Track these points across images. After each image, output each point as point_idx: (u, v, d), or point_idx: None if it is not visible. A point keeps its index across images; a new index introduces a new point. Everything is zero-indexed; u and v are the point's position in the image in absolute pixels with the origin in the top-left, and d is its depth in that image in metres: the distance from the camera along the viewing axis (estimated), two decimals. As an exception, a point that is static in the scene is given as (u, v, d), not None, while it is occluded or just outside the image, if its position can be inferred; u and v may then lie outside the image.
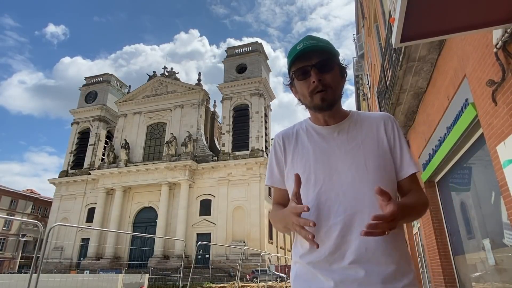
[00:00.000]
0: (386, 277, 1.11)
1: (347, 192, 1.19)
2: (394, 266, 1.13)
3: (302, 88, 1.25)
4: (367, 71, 18.14)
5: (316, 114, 1.31)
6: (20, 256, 50.20)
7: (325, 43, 1.24)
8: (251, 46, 49.33)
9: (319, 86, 1.20)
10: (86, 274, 22.47)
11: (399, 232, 1.20)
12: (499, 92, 3.32)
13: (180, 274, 12.83)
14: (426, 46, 5.20)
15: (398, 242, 1.18)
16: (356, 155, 1.23)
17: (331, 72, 1.23)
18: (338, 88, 1.26)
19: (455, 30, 2.47)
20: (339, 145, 1.27)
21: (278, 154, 1.38)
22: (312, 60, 1.21)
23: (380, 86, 9.02)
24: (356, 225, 1.15)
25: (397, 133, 1.30)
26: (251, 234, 37.12)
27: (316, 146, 1.30)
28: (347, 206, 1.18)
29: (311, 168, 1.26)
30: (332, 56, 1.24)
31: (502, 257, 4.51)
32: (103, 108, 52.60)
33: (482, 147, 4.52)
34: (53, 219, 44.40)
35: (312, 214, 1.20)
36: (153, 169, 42.53)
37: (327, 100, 1.22)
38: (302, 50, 1.21)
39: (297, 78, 1.26)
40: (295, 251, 1.28)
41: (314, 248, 1.17)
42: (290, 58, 1.25)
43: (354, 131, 1.29)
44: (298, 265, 1.26)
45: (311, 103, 1.25)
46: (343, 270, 1.13)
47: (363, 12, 16.10)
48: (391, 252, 1.15)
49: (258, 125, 43.63)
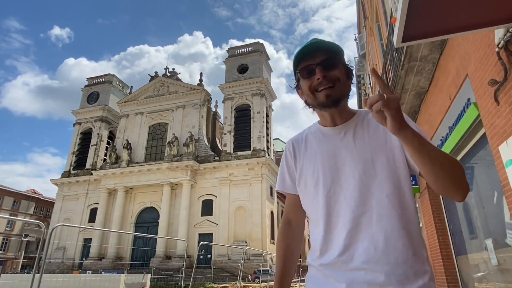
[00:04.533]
0: (397, 278, 1.08)
1: (354, 193, 1.19)
2: (405, 266, 1.09)
3: (307, 86, 1.25)
4: (368, 71, 18.12)
5: (323, 114, 1.30)
6: (22, 256, 50.37)
7: (329, 42, 1.25)
8: (252, 46, 49.31)
9: (323, 83, 1.20)
10: (89, 274, 22.53)
11: (411, 230, 1.14)
12: (501, 91, 3.31)
13: (182, 274, 12.84)
14: (428, 45, 5.19)
15: (410, 240, 1.13)
16: (363, 155, 1.21)
17: (336, 69, 1.22)
18: (344, 85, 1.24)
19: (456, 29, 2.46)
20: (345, 146, 1.26)
21: (289, 160, 1.40)
22: (316, 59, 1.21)
23: (382, 86, 8.99)
24: (363, 226, 1.15)
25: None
26: (253, 234, 37.10)
27: (323, 148, 1.30)
28: (354, 207, 1.17)
29: (320, 170, 1.27)
30: (336, 55, 1.24)
31: (505, 257, 4.50)
32: (105, 109, 52.70)
33: (484, 147, 4.50)
34: (55, 220, 44.50)
35: (322, 217, 1.23)
36: (155, 169, 42.58)
37: (332, 96, 1.21)
38: (306, 49, 1.22)
39: (303, 77, 1.26)
40: (310, 254, 1.31)
41: (325, 250, 1.19)
42: (295, 59, 1.26)
43: (361, 130, 1.27)
44: (311, 268, 1.28)
45: (315, 101, 1.25)
46: (353, 271, 1.13)
47: (364, 12, 16.08)
48: (402, 251, 1.11)
49: (259, 125, 43.61)
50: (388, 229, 1.13)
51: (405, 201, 1.18)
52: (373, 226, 1.14)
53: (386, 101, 0.94)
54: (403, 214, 1.15)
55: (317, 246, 1.24)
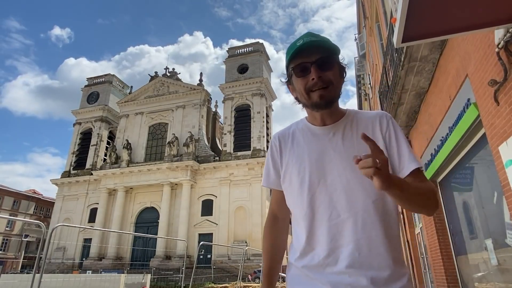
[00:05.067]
0: (380, 282, 1.10)
1: (341, 196, 1.18)
2: (388, 271, 1.12)
3: (300, 85, 1.22)
4: (368, 71, 18.12)
5: (314, 113, 1.28)
6: (22, 256, 50.39)
7: (326, 40, 1.21)
8: (252, 46, 49.32)
9: (318, 83, 1.17)
10: (89, 274, 22.54)
11: (392, 236, 1.17)
12: (501, 92, 3.32)
13: (182, 274, 12.86)
14: (428, 46, 5.19)
15: (391, 246, 1.15)
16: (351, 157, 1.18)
17: (331, 70, 1.20)
18: (338, 86, 1.22)
19: (456, 30, 2.46)
20: (334, 147, 1.24)
21: (274, 155, 1.37)
22: (312, 57, 1.18)
23: (382, 86, 9.00)
24: (348, 231, 1.15)
25: (393, 130, 1.24)
26: (253, 234, 37.09)
27: (311, 147, 1.28)
28: (340, 210, 1.17)
29: (306, 170, 1.25)
30: (332, 54, 1.21)
31: (505, 257, 4.50)
32: (105, 109, 52.71)
33: (484, 147, 4.50)
34: (55, 220, 44.51)
35: (305, 218, 1.22)
36: (155, 169, 42.59)
37: (326, 97, 1.19)
38: (302, 46, 1.17)
39: (296, 74, 1.22)
40: (291, 252, 1.29)
41: (308, 251, 1.19)
42: (289, 54, 1.21)
43: (350, 131, 1.25)
44: (293, 268, 1.27)
45: (309, 101, 1.22)
46: (337, 274, 1.13)
47: (364, 12, 16.08)
48: (385, 256, 1.13)
49: (259, 125, 43.62)
50: (373, 235, 1.14)
51: (388, 208, 1.19)
52: (358, 232, 1.14)
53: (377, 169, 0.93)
54: (386, 220, 1.17)
55: (299, 247, 1.23)
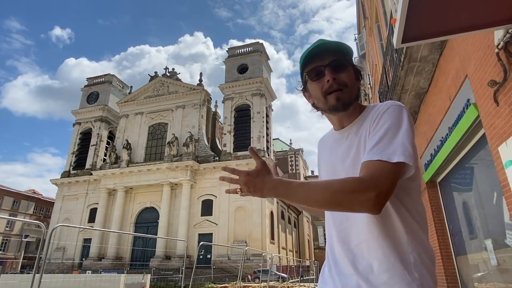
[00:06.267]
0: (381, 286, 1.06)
1: None
2: (387, 275, 1.05)
3: (316, 89, 1.20)
4: (368, 71, 18.13)
5: (331, 117, 1.26)
6: (22, 257, 50.37)
7: (338, 43, 1.21)
8: (252, 47, 49.32)
9: (334, 85, 1.16)
10: (88, 274, 22.52)
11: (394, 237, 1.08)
12: (501, 92, 3.32)
13: (182, 274, 12.86)
14: (428, 46, 5.20)
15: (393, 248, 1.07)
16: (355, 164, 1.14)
17: (346, 71, 1.19)
18: (354, 88, 1.20)
19: (456, 30, 2.46)
20: (342, 153, 1.22)
21: (318, 159, 1.42)
22: (325, 60, 1.17)
23: (382, 86, 9.00)
24: (348, 237, 1.16)
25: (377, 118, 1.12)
26: (252, 234, 37.12)
27: (329, 153, 1.30)
28: (343, 218, 1.19)
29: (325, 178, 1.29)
30: (345, 56, 1.20)
31: (504, 257, 4.51)
32: (104, 109, 52.69)
33: (484, 148, 4.51)
34: (55, 220, 44.51)
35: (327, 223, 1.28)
36: (155, 169, 42.59)
37: (342, 99, 1.17)
38: (314, 50, 1.18)
39: (311, 79, 1.21)
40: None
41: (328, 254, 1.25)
42: (302, 60, 1.22)
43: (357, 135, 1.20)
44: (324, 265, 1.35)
45: (326, 105, 1.20)
46: (344, 278, 1.14)
47: (364, 12, 16.09)
48: (382, 261, 1.07)
49: (259, 125, 43.62)
50: (369, 238, 1.10)
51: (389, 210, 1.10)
52: (353, 239, 1.15)
53: (240, 191, 1.08)
54: (382, 221, 1.09)
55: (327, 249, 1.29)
